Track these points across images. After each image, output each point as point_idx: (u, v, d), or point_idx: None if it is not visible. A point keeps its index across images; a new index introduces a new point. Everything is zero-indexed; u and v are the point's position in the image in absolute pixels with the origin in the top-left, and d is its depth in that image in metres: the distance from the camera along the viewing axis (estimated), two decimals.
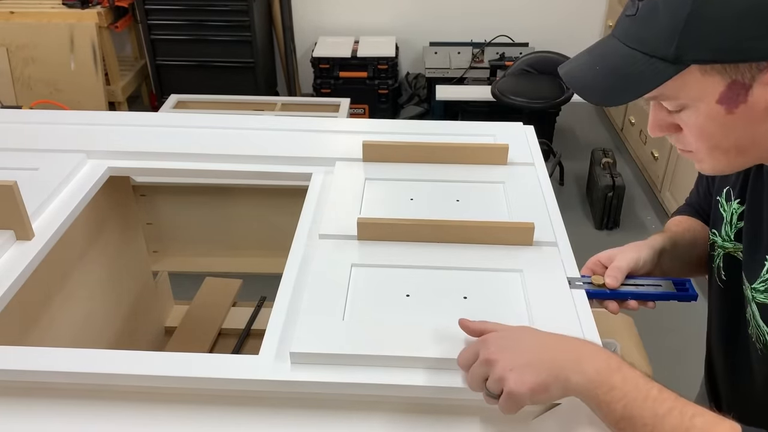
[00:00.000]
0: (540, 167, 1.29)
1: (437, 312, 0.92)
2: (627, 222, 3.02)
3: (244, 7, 3.58)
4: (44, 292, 1.25)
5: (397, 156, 1.28)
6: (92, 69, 3.55)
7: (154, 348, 1.75)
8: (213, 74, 3.77)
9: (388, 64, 3.77)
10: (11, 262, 1.03)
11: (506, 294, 0.96)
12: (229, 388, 0.85)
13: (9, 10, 3.50)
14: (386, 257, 1.03)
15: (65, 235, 1.15)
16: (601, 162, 3.06)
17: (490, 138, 1.38)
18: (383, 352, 0.84)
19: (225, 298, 1.88)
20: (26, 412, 0.85)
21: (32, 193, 1.15)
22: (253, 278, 1.95)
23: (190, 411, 0.85)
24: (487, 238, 1.05)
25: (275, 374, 0.84)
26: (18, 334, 1.17)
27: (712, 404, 1.02)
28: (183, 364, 0.86)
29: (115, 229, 1.56)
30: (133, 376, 0.85)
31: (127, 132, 1.40)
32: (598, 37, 4.07)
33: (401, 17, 4.06)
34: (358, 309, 0.92)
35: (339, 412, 0.85)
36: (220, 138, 1.39)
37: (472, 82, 3.72)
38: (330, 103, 3.31)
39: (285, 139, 1.39)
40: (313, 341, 0.86)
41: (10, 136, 1.36)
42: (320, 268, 1.00)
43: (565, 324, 0.89)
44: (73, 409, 0.86)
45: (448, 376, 0.83)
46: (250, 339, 1.79)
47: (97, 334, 1.47)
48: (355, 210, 1.13)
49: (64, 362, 0.86)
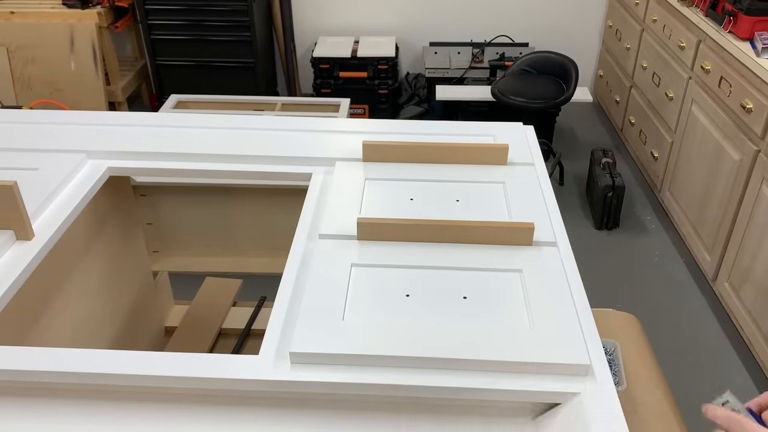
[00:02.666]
0: (540, 167, 1.29)
1: (437, 312, 0.92)
2: (627, 222, 3.03)
3: (244, 7, 3.58)
4: (44, 292, 1.25)
5: (397, 156, 1.28)
6: (92, 69, 3.55)
7: (154, 348, 1.75)
8: (213, 74, 3.77)
9: (388, 64, 3.77)
10: (11, 262, 1.03)
11: (506, 294, 0.96)
12: (229, 388, 0.85)
13: (9, 10, 3.50)
14: (386, 257, 1.03)
15: (65, 235, 1.15)
16: (600, 162, 3.06)
17: (490, 138, 1.38)
18: (383, 352, 0.85)
19: (225, 298, 1.89)
20: (26, 412, 0.86)
21: (32, 193, 1.15)
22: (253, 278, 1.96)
23: (190, 411, 0.85)
24: (487, 238, 1.05)
25: (275, 374, 0.84)
26: (18, 334, 1.17)
27: None
28: (183, 364, 0.86)
29: (115, 229, 1.56)
30: (133, 376, 0.85)
31: (127, 132, 1.40)
32: (598, 37, 4.08)
33: (401, 17, 4.06)
34: (358, 309, 0.92)
35: (339, 412, 0.85)
36: (220, 138, 1.39)
37: (472, 82, 3.72)
38: (330, 103, 3.31)
39: (285, 139, 1.39)
40: (313, 341, 0.86)
41: (10, 136, 1.36)
42: (320, 268, 1.00)
43: (565, 324, 0.89)
44: (73, 409, 0.86)
45: (448, 376, 0.83)
46: (250, 339, 1.79)
47: (97, 334, 1.47)
48: (355, 210, 1.13)
49: (64, 362, 0.86)
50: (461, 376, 0.83)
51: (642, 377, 1.43)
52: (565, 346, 0.86)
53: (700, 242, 2.65)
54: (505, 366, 0.84)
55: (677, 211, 2.89)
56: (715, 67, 2.52)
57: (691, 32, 2.75)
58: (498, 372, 0.84)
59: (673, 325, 2.45)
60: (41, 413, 0.85)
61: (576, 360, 0.84)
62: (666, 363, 2.23)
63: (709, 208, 2.57)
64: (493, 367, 0.84)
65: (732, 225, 2.39)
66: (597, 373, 0.84)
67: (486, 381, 0.83)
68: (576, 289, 0.98)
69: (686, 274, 2.71)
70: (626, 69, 3.58)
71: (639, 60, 3.39)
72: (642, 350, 1.51)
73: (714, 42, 2.53)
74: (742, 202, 2.31)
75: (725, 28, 2.45)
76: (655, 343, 0.79)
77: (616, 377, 1.42)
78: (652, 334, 2.33)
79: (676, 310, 2.53)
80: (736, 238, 2.35)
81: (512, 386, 0.82)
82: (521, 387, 0.82)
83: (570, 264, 1.03)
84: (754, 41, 2.31)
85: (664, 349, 2.31)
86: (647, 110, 3.26)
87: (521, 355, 0.84)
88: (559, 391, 0.82)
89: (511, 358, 0.84)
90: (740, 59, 2.30)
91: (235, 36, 3.67)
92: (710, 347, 2.35)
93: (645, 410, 1.34)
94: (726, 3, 2.47)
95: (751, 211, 2.25)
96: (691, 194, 2.74)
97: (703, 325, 2.45)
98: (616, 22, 3.79)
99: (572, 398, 0.82)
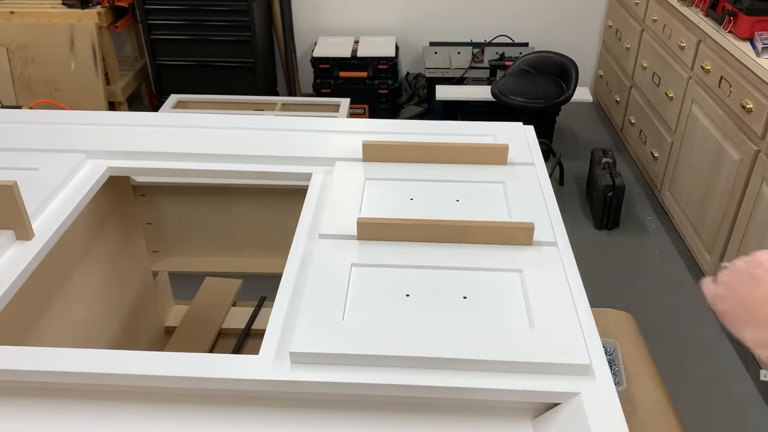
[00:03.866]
0: (540, 167, 1.29)
1: (437, 312, 0.92)
2: (627, 222, 3.03)
3: (244, 7, 3.58)
4: (44, 292, 1.25)
5: (397, 156, 1.28)
6: (92, 69, 3.55)
7: (154, 348, 1.76)
8: (213, 74, 3.77)
9: (388, 64, 3.77)
10: (11, 262, 1.03)
11: (506, 294, 0.96)
12: (229, 388, 0.85)
13: (9, 10, 3.50)
14: (386, 257, 1.03)
15: (65, 235, 1.15)
16: (600, 162, 3.06)
17: (490, 138, 1.38)
18: (383, 352, 0.85)
19: (225, 298, 1.89)
20: (26, 412, 0.86)
21: (32, 193, 1.15)
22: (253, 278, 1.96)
23: (190, 411, 0.85)
24: (487, 238, 1.05)
25: (275, 374, 0.84)
26: (18, 334, 1.17)
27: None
28: (183, 364, 0.86)
29: (115, 229, 1.56)
30: (133, 376, 0.85)
31: (127, 132, 1.40)
32: (598, 37, 4.08)
33: (401, 17, 4.06)
34: (358, 309, 0.92)
35: (339, 412, 0.85)
36: (220, 138, 1.39)
37: (472, 82, 3.72)
38: (330, 103, 3.31)
39: (285, 139, 1.39)
40: (313, 341, 0.86)
41: (10, 136, 1.36)
42: (320, 267, 1.00)
43: (565, 324, 0.89)
44: (73, 409, 0.86)
45: (448, 376, 0.83)
46: (250, 339, 1.79)
47: (97, 334, 1.47)
48: (355, 210, 1.13)
49: (64, 362, 0.86)
50: (461, 376, 0.83)
51: (642, 377, 1.43)
52: (565, 346, 0.86)
53: (700, 242, 2.65)
54: (505, 366, 0.84)
55: (677, 211, 2.89)
56: (715, 67, 2.52)
57: (691, 32, 2.75)
58: (498, 372, 0.84)
59: (673, 325, 2.45)
60: (41, 413, 0.85)
61: (576, 360, 0.84)
62: (665, 363, 2.23)
63: (709, 208, 2.57)
64: (493, 367, 0.84)
65: (732, 225, 2.39)
66: (597, 373, 0.84)
67: (486, 381, 0.83)
68: (576, 289, 0.98)
69: (686, 274, 2.71)
70: (626, 69, 3.58)
71: (639, 60, 3.39)
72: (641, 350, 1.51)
73: (714, 42, 2.53)
74: (742, 202, 2.31)
75: (725, 27, 2.45)
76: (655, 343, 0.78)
77: (616, 377, 1.42)
78: (652, 334, 2.33)
79: (676, 310, 2.53)
80: (736, 238, 2.35)
81: (512, 386, 0.82)
82: (521, 387, 0.82)
83: (570, 264, 1.03)
84: (754, 41, 2.31)
85: (664, 349, 2.31)
86: (647, 110, 3.26)
87: (521, 355, 0.84)
88: (559, 391, 0.82)
89: (511, 358, 0.84)
90: (740, 59, 2.30)
91: (235, 36, 3.67)
92: (710, 347, 2.35)
93: (645, 410, 1.34)
94: (726, 3, 2.47)
95: (751, 211, 2.24)
96: (691, 194, 2.74)
97: (703, 325, 2.45)
98: (616, 21, 3.79)
99: (572, 398, 0.82)
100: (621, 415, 0.79)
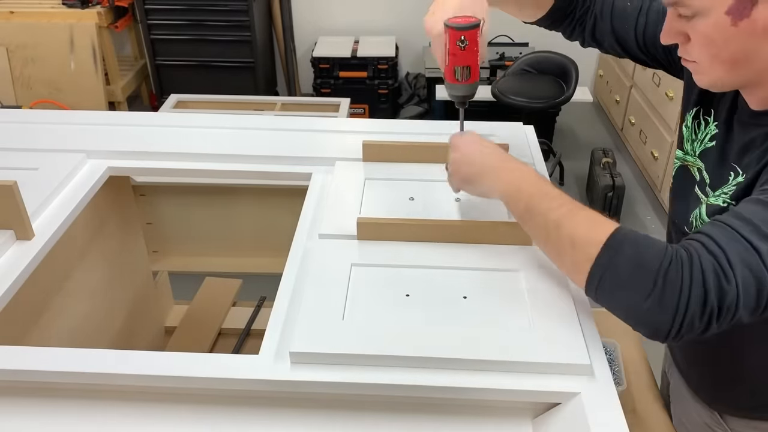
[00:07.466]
0: (540, 167, 1.29)
1: (437, 312, 0.92)
2: (627, 222, 3.03)
3: (244, 7, 3.58)
4: (44, 292, 1.25)
5: (397, 156, 1.28)
6: (92, 69, 3.55)
7: (154, 348, 1.75)
8: (213, 74, 3.77)
9: (388, 64, 3.77)
10: (11, 262, 1.03)
11: (506, 294, 0.96)
12: (229, 388, 0.85)
13: (9, 10, 3.50)
14: (386, 257, 1.03)
15: (65, 235, 1.15)
16: (601, 162, 3.06)
17: (490, 138, 1.38)
18: (383, 352, 0.85)
19: (225, 298, 1.89)
20: (26, 412, 0.86)
21: (32, 193, 1.15)
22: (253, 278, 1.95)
23: (190, 411, 0.85)
24: (487, 238, 1.05)
25: (275, 374, 0.84)
26: (18, 334, 1.17)
27: None
28: (183, 364, 0.86)
29: (115, 229, 1.56)
30: (133, 376, 0.85)
31: (127, 132, 1.40)
32: None
33: (401, 17, 4.05)
34: (358, 309, 0.92)
35: (339, 412, 0.85)
36: (220, 138, 1.39)
37: None
38: (330, 103, 3.31)
39: (285, 139, 1.39)
40: (313, 341, 0.86)
41: (10, 136, 1.36)
42: (320, 268, 1.00)
43: (565, 324, 0.89)
44: (73, 409, 0.86)
45: (448, 376, 0.83)
46: (250, 339, 1.79)
47: (97, 334, 1.47)
48: (355, 210, 1.13)
49: (64, 362, 0.86)
50: (461, 376, 0.83)
51: (642, 377, 1.43)
52: (565, 346, 0.86)
53: None
54: (505, 366, 0.84)
55: None
56: None
57: None
58: (498, 372, 0.84)
59: None
60: (41, 413, 0.85)
61: (576, 360, 0.84)
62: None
63: None
64: (493, 367, 0.84)
65: None
66: (597, 373, 0.84)
67: (486, 381, 0.83)
68: (576, 289, 0.97)
69: None
70: (626, 69, 3.58)
71: None
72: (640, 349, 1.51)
73: None
74: None
75: None
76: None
77: (616, 377, 1.42)
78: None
79: None
80: None
81: (512, 386, 0.82)
82: (521, 387, 0.82)
83: None
84: None
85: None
86: (647, 110, 3.26)
87: (521, 355, 0.84)
88: (559, 391, 0.82)
89: (511, 358, 0.84)
90: None
91: (235, 36, 3.67)
92: None
93: (645, 410, 1.34)
94: None
95: None
96: None
97: None
98: None
99: (572, 398, 0.82)
100: (621, 415, 0.79)
